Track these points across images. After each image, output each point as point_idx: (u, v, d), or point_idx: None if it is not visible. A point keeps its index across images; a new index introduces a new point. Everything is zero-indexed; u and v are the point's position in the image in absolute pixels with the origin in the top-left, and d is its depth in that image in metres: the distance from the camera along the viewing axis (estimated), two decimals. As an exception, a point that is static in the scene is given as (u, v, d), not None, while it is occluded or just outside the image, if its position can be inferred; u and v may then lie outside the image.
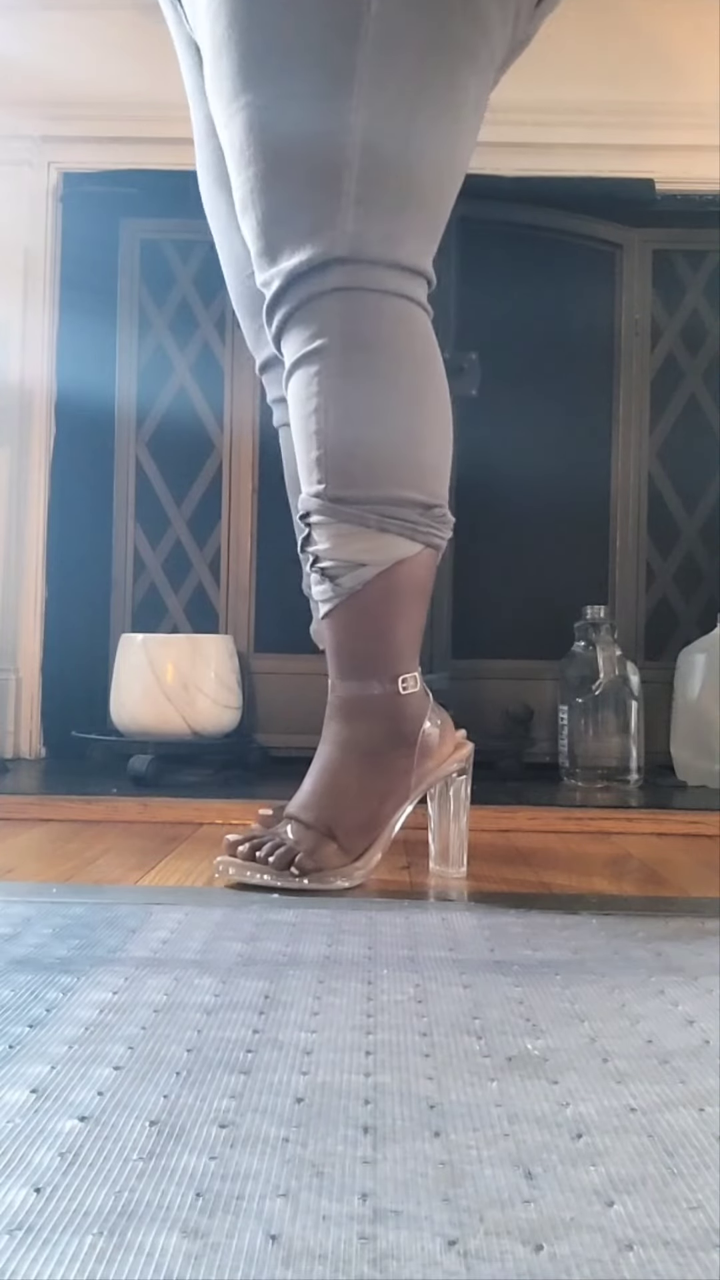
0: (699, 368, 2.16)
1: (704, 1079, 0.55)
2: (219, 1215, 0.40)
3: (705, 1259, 0.38)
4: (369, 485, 1.03)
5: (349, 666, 1.06)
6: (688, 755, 1.90)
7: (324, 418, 1.03)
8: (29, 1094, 0.51)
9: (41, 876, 1.06)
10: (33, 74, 2.09)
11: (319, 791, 1.05)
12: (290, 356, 1.06)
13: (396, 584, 1.04)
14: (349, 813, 1.03)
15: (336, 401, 1.03)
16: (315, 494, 1.04)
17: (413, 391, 1.06)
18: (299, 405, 1.05)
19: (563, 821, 1.44)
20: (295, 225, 1.03)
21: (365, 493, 1.02)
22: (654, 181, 2.10)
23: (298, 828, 1.03)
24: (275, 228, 1.04)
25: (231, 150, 1.06)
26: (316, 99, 1.02)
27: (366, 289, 1.03)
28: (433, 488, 1.06)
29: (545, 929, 0.86)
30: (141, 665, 1.86)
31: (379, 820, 1.04)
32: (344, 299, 1.03)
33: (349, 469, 1.03)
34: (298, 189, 1.03)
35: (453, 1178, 0.44)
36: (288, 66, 1.02)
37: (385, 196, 1.03)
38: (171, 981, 0.70)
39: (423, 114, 1.04)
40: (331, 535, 1.03)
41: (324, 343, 1.03)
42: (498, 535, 2.12)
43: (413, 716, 1.06)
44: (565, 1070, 0.56)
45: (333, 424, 1.03)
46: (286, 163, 1.03)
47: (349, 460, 1.03)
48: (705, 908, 0.94)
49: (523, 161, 2.04)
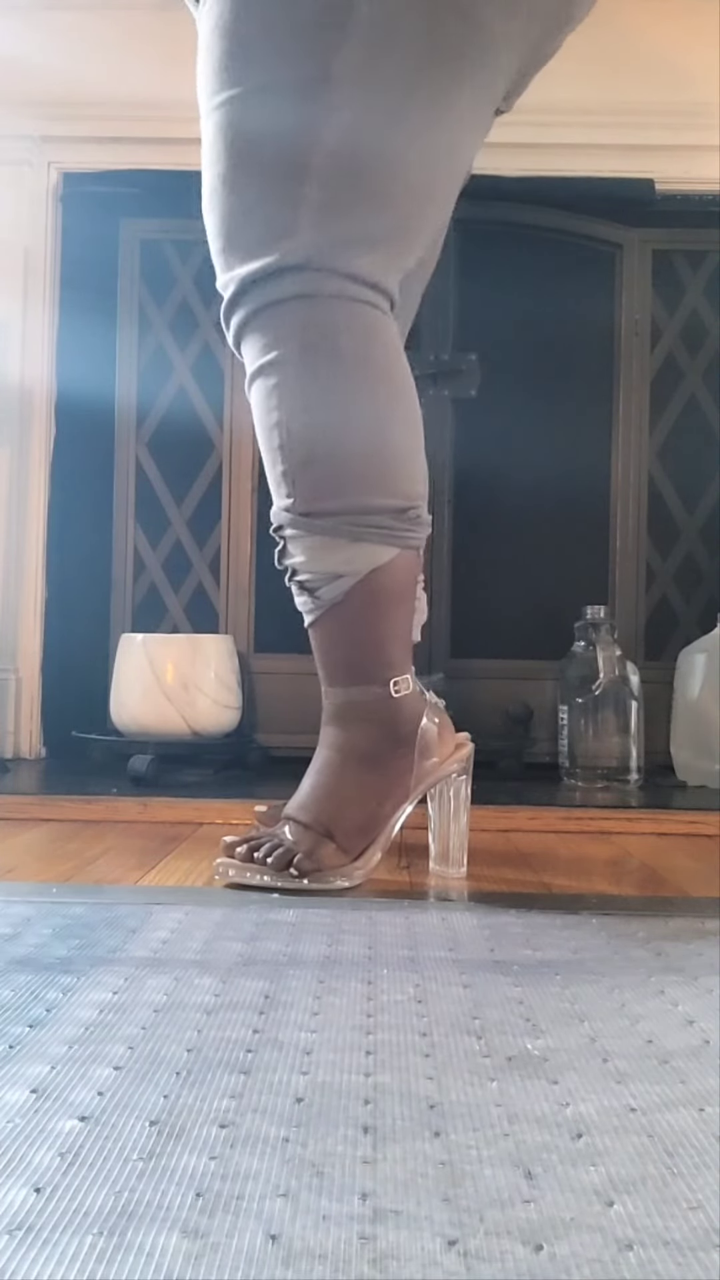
0: (699, 368, 2.16)
1: (704, 1079, 0.55)
2: (219, 1215, 0.40)
3: (705, 1259, 0.38)
4: (338, 496, 1.02)
5: (339, 674, 1.06)
6: (688, 755, 1.90)
7: (285, 432, 1.02)
8: (29, 1094, 0.51)
9: (41, 876, 1.06)
10: (33, 74, 2.09)
11: (317, 792, 1.05)
12: (249, 365, 1.05)
13: (376, 590, 1.03)
14: (347, 813, 1.03)
15: (296, 414, 1.02)
16: (285, 508, 1.03)
17: (375, 398, 1.04)
18: (261, 418, 1.04)
19: (563, 821, 1.44)
20: (253, 229, 1.01)
21: (335, 504, 1.01)
22: (654, 181, 2.10)
23: (296, 828, 1.03)
24: (234, 230, 1.03)
25: (204, 147, 1.05)
26: (293, 96, 1.00)
27: (321, 295, 1.01)
28: (405, 490, 1.04)
29: (545, 929, 0.86)
30: (141, 665, 1.86)
31: (378, 820, 1.04)
32: (299, 307, 1.01)
33: (316, 482, 1.02)
34: (258, 191, 1.01)
35: (453, 1178, 0.44)
36: (269, 61, 1.00)
37: (349, 204, 1.01)
38: (171, 981, 0.70)
39: (403, 122, 1.01)
40: (306, 548, 1.03)
41: (280, 354, 1.01)
42: (498, 535, 2.12)
43: (409, 718, 1.06)
44: (565, 1070, 0.56)
45: (295, 438, 1.02)
46: (251, 163, 1.01)
47: (315, 473, 1.02)
48: (705, 908, 0.94)
49: (523, 161, 2.04)
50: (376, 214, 1.03)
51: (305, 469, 1.02)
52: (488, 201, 2.03)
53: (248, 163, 1.01)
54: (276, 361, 1.02)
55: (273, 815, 1.08)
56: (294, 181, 1.00)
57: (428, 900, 0.98)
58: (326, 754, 1.06)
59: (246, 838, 1.04)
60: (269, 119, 1.01)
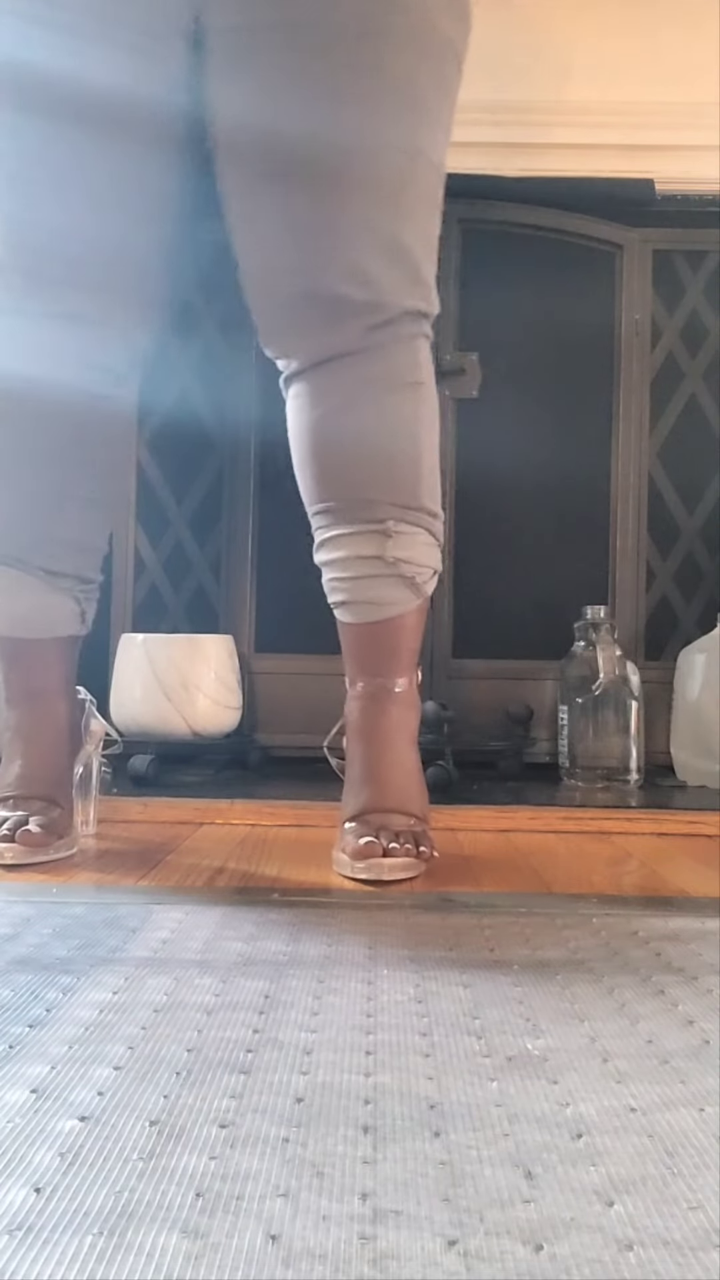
0: (699, 368, 2.16)
1: (704, 1079, 0.55)
2: (219, 1215, 0.40)
3: (705, 1259, 0.38)
4: (437, 504, 1.19)
5: (408, 662, 1.18)
6: (688, 755, 1.90)
7: (419, 444, 1.16)
8: (29, 1094, 0.51)
9: (41, 876, 1.06)
10: (33, 74, 2.08)
11: (409, 784, 1.15)
12: (385, 379, 1.14)
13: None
14: (423, 792, 1.17)
15: (429, 431, 1.18)
16: (409, 505, 1.15)
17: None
18: (402, 423, 1.16)
19: (563, 821, 1.44)
20: (430, 268, 1.16)
21: (438, 509, 1.19)
22: (654, 182, 2.09)
23: (402, 819, 1.11)
24: (425, 262, 1.15)
25: (382, 169, 1.11)
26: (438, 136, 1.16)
27: (428, 337, 1.19)
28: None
29: (545, 929, 0.86)
30: (141, 665, 1.86)
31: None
32: (426, 346, 1.18)
33: (434, 487, 1.18)
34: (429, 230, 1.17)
35: (453, 1178, 0.44)
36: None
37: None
38: (172, 981, 0.70)
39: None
40: (414, 544, 1.15)
41: (421, 379, 1.16)
42: (498, 535, 2.12)
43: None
44: (565, 1070, 0.56)
45: (427, 449, 1.17)
46: (431, 206, 1.16)
47: (435, 480, 1.19)
48: (705, 908, 0.94)
49: (523, 161, 2.04)
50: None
51: (431, 474, 1.18)
52: (488, 202, 2.03)
53: (430, 204, 1.17)
54: (423, 384, 1.17)
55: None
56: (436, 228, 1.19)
57: (428, 900, 0.98)
58: (398, 743, 1.16)
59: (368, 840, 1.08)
60: (435, 160, 1.19)
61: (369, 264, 1.10)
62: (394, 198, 1.11)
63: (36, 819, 1.12)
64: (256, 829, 1.33)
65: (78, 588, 1.25)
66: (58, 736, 1.24)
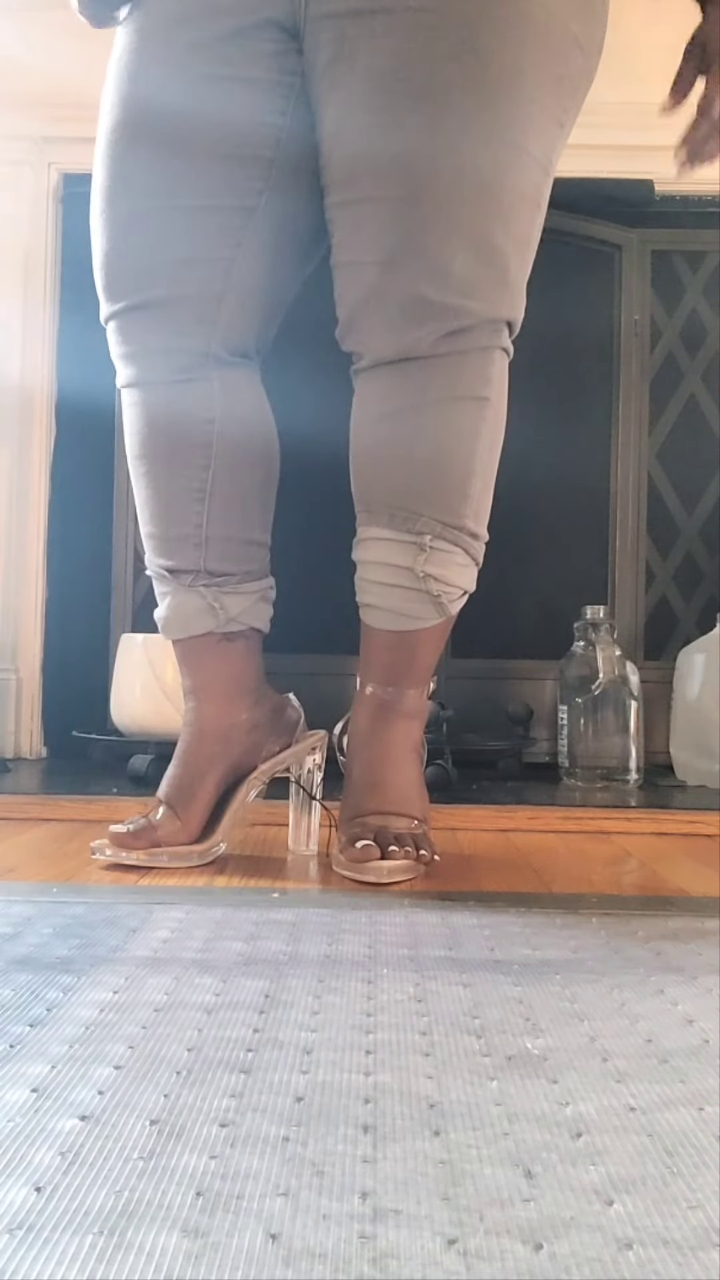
0: (699, 368, 2.16)
1: (704, 1079, 0.55)
2: (219, 1215, 0.40)
3: (705, 1259, 0.38)
4: (482, 525, 1.16)
5: (423, 675, 1.18)
6: (687, 755, 1.90)
7: (473, 461, 1.13)
8: (29, 1093, 0.51)
9: (42, 876, 1.06)
10: (33, 74, 2.09)
11: (409, 787, 1.15)
12: (450, 390, 1.10)
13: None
14: (424, 798, 1.17)
15: (489, 450, 1.15)
16: (455, 524, 1.12)
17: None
18: (458, 435, 1.12)
19: (563, 821, 1.44)
20: (511, 268, 1.10)
21: (481, 531, 1.16)
22: (653, 182, 2.10)
23: (402, 821, 1.11)
24: (517, 278, 1.11)
25: (483, 177, 1.07)
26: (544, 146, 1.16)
27: (506, 352, 1.15)
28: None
29: (545, 929, 0.86)
30: (141, 665, 1.86)
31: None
32: (502, 359, 1.14)
33: (481, 509, 1.16)
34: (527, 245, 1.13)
35: (453, 1177, 0.44)
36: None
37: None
38: (172, 981, 0.70)
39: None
40: (450, 563, 1.13)
41: (488, 395, 1.13)
42: (497, 535, 2.11)
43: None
44: (565, 1070, 0.56)
45: (481, 468, 1.14)
46: (533, 206, 1.14)
47: (484, 501, 1.16)
48: (705, 908, 0.94)
49: (522, 162, 2.04)
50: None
51: (484, 494, 1.15)
52: (487, 202, 2.03)
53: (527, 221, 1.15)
54: (489, 400, 1.13)
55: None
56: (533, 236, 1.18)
57: (428, 900, 0.98)
58: (402, 749, 1.15)
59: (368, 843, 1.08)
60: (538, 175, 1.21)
61: (453, 262, 1.05)
62: (488, 194, 1.05)
63: (132, 824, 1.12)
64: (256, 829, 1.33)
65: (201, 581, 1.22)
66: (195, 739, 1.19)
